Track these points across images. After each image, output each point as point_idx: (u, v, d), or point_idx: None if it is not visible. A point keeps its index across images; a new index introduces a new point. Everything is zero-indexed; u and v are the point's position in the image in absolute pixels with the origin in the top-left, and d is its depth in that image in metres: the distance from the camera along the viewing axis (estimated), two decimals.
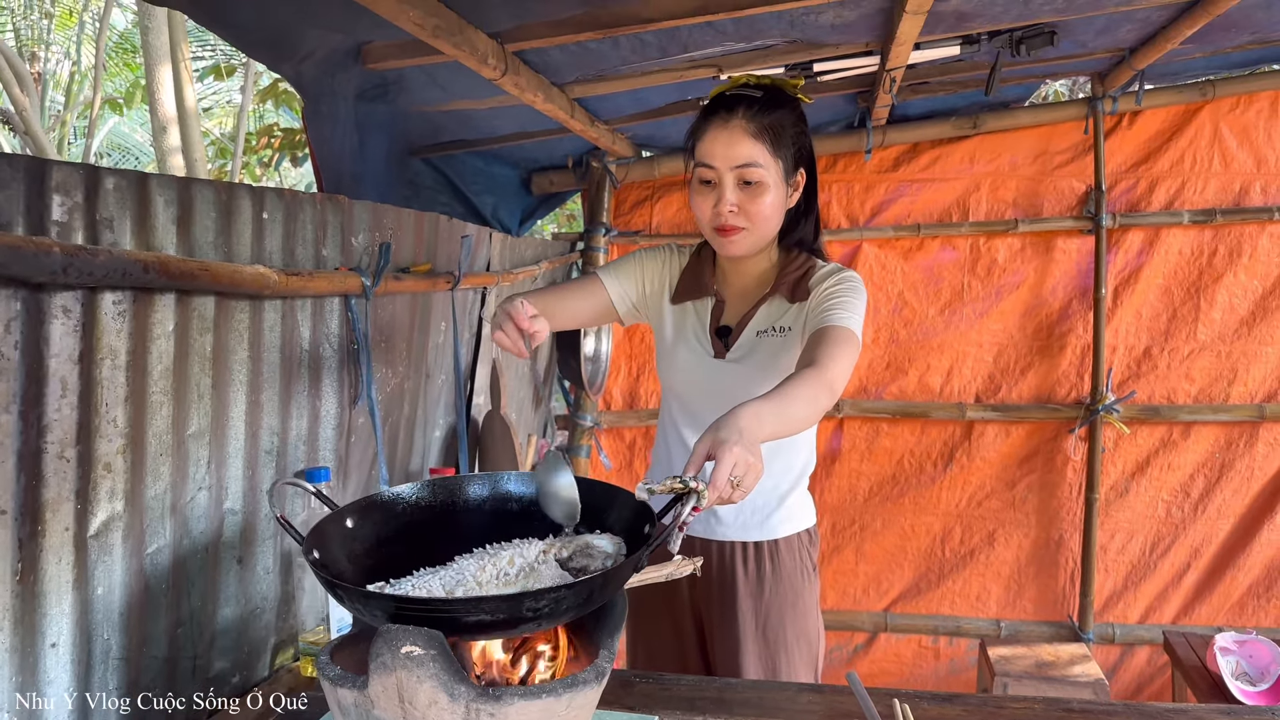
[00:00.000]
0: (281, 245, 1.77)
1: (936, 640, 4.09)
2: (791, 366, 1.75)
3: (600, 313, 1.92)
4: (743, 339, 1.85)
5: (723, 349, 1.86)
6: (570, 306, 1.87)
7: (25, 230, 1.20)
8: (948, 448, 4.03)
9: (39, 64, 11.86)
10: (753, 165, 1.70)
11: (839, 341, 1.63)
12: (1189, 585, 3.93)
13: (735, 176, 1.71)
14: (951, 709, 1.66)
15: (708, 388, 1.87)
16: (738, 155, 1.70)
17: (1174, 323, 3.85)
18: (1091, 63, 3.54)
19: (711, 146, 1.72)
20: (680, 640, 2.02)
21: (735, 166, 1.71)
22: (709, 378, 1.87)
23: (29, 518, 1.24)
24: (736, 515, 1.92)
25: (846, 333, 1.66)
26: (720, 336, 1.87)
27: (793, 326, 1.82)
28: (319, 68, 2.29)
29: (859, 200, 4.03)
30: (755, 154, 1.70)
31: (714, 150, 1.72)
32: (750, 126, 1.70)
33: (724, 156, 1.71)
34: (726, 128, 1.71)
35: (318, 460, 1.98)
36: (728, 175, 1.71)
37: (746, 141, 1.70)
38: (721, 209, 1.73)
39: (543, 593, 1.19)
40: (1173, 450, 3.89)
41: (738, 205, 1.73)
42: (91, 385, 1.33)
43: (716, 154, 1.71)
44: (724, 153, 1.71)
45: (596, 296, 1.90)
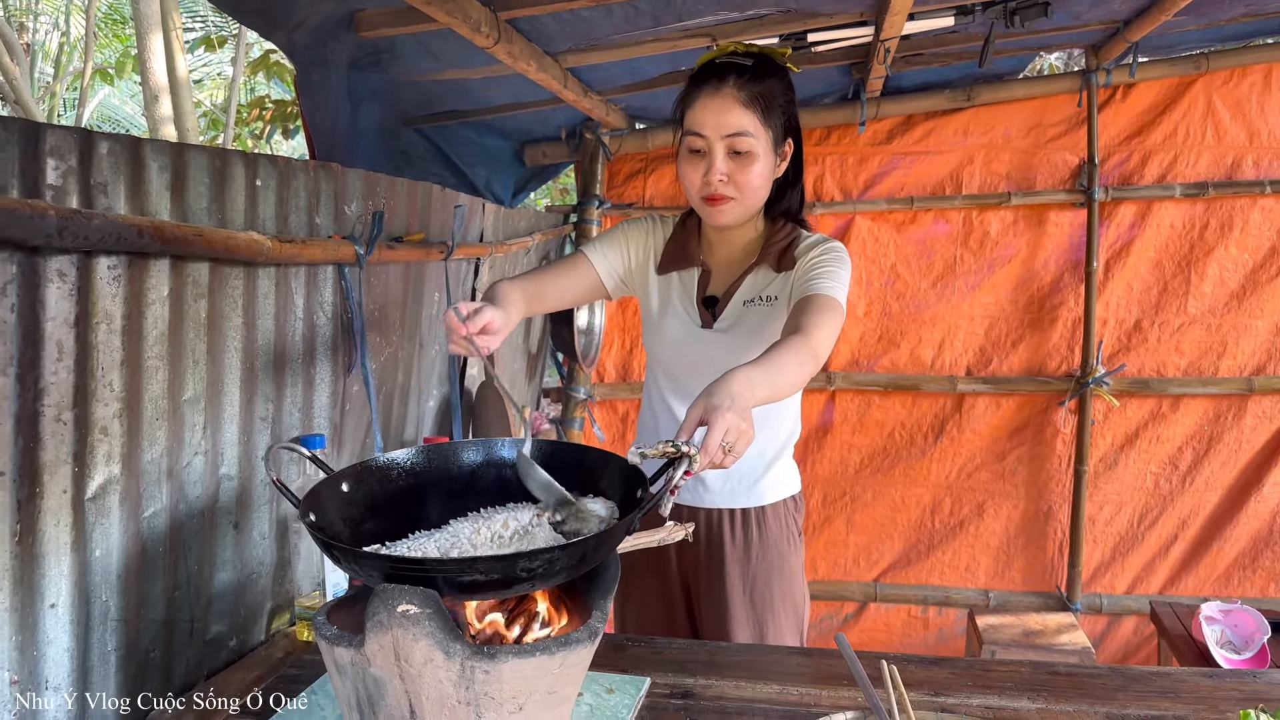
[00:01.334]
0: (275, 213, 1.77)
1: (926, 610, 4.13)
2: (778, 335, 1.75)
3: (589, 290, 1.92)
4: (729, 309, 1.86)
5: (710, 319, 1.87)
6: (559, 286, 1.87)
7: (20, 193, 1.20)
8: (938, 420, 4.06)
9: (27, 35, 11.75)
10: (743, 134, 1.71)
11: (823, 309, 1.65)
12: (1176, 556, 3.97)
13: (725, 145, 1.72)
14: (939, 671, 1.68)
15: (695, 357, 1.87)
16: (728, 124, 1.70)
17: (1165, 296, 3.87)
18: (1086, 34, 3.54)
19: (701, 115, 1.72)
20: (669, 606, 2.05)
21: (725, 135, 1.71)
22: (696, 347, 1.88)
23: (27, 480, 1.25)
24: (724, 483, 1.95)
25: (830, 301, 1.68)
26: (707, 306, 1.88)
27: (779, 296, 1.84)
28: (311, 35, 2.29)
29: (852, 173, 4.03)
30: (746, 123, 1.70)
31: (704, 119, 1.72)
32: (741, 95, 1.70)
33: (714, 125, 1.71)
34: (717, 96, 1.70)
35: (312, 428, 1.99)
36: (718, 144, 1.72)
37: (737, 110, 1.70)
38: (711, 178, 1.73)
39: (536, 553, 1.20)
40: (1162, 423, 3.92)
41: (727, 175, 1.73)
42: (88, 349, 1.34)
43: (706, 122, 1.71)
44: (714, 121, 1.71)
45: (585, 274, 1.90)
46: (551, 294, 1.85)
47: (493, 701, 1.19)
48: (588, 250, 1.92)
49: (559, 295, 1.89)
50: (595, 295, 1.95)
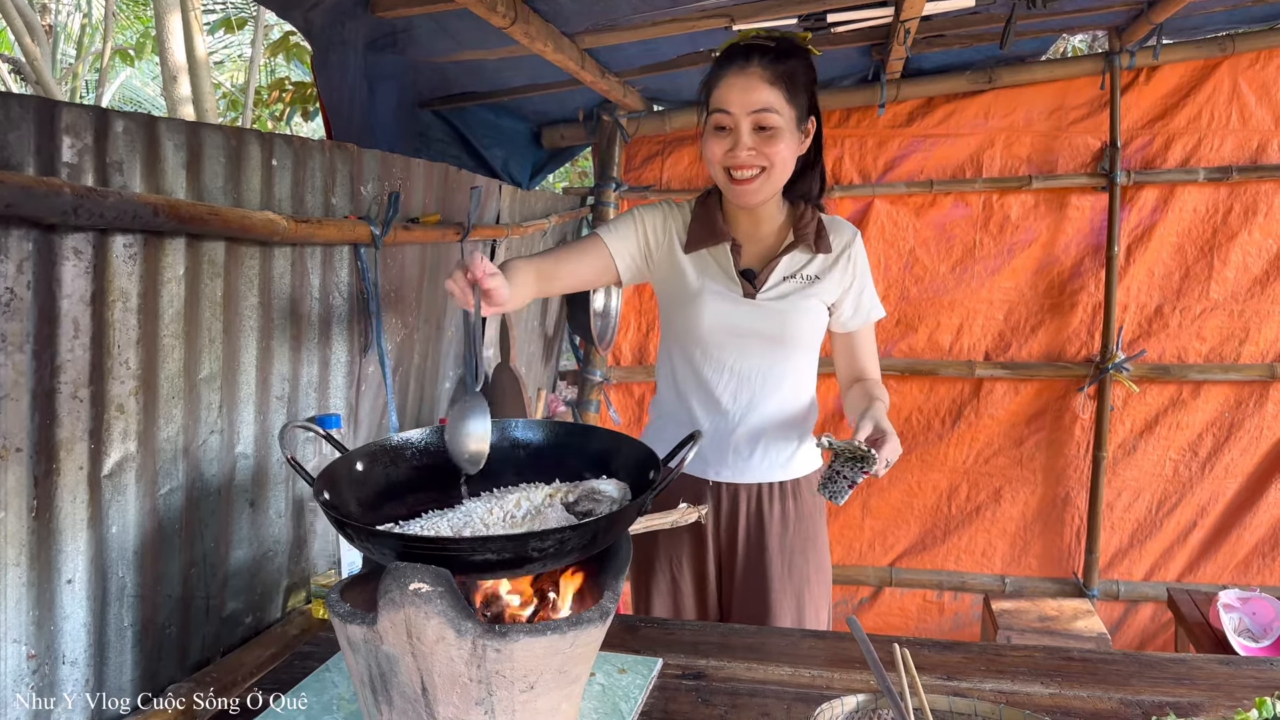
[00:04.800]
0: (291, 192, 1.77)
1: (941, 595, 4.12)
2: (818, 311, 1.92)
3: (602, 272, 1.93)
4: (771, 280, 1.90)
5: (752, 289, 1.90)
6: (571, 267, 1.87)
7: (36, 171, 1.21)
8: (956, 405, 4.04)
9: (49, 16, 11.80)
10: (769, 110, 1.74)
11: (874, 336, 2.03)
12: (1194, 543, 3.95)
13: (751, 121, 1.75)
14: (952, 655, 1.68)
15: (739, 327, 1.91)
16: (754, 100, 1.74)
17: (1186, 281, 3.83)
18: (1109, 16, 3.49)
19: (728, 93, 1.75)
20: (700, 586, 2.06)
21: (752, 111, 1.74)
22: (741, 318, 1.90)
23: (44, 456, 1.26)
24: (763, 458, 1.98)
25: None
26: (747, 279, 1.90)
27: (820, 276, 1.92)
28: (328, 15, 2.28)
29: (871, 155, 4.00)
30: (772, 99, 1.74)
31: (730, 96, 1.75)
32: (766, 74, 1.74)
33: (740, 102, 1.74)
34: (744, 74, 1.74)
35: (328, 407, 2.00)
36: (744, 120, 1.75)
37: (763, 87, 1.74)
38: (738, 152, 1.76)
39: (548, 533, 1.21)
40: (1182, 409, 3.88)
41: (754, 148, 1.76)
42: (104, 327, 1.35)
43: (733, 100, 1.75)
44: (740, 98, 1.74)
45: (598, 256, 1.90)
46: (563, 274, 1.86)
47: (504, 680, 1.19)
48: (602, 233, 1.92)
49: (571, 276, 1.89)
50: (607, 279, 1.96)
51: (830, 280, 1.92)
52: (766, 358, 1.93)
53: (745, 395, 1.95)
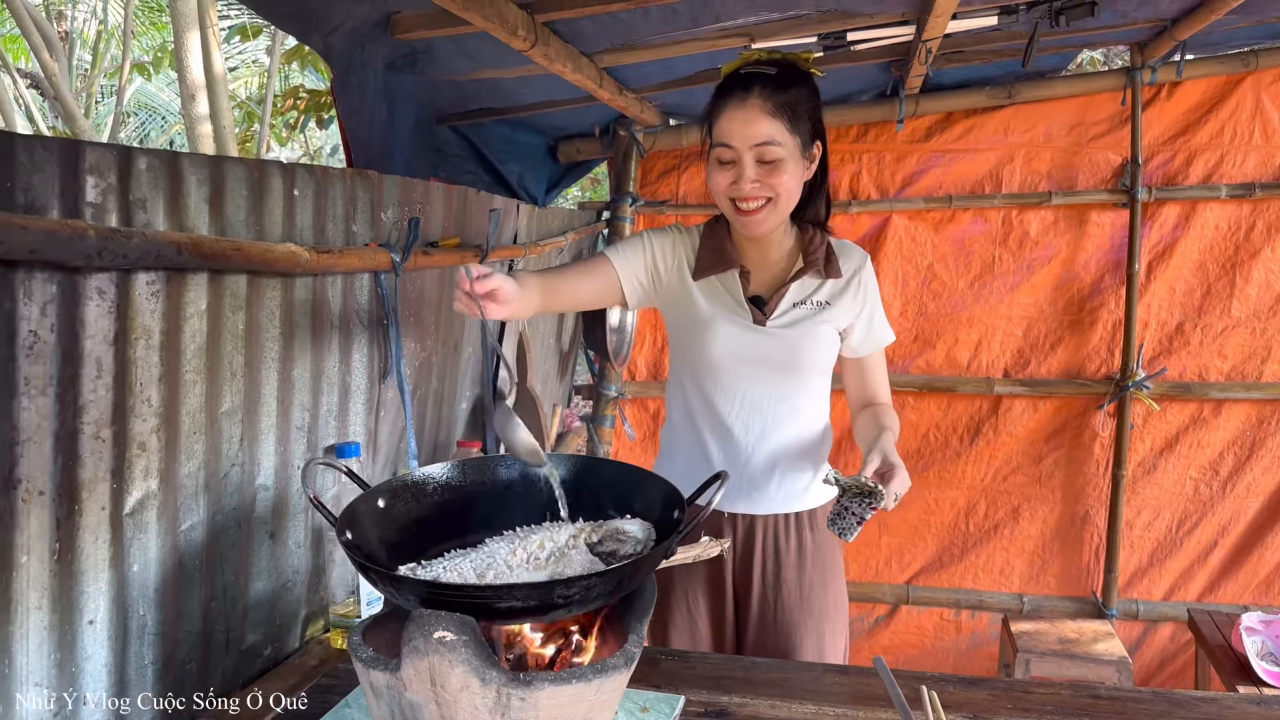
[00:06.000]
0: (312, 221, 1.77)
1: (958, 614, 4.09)
2: (829, 337, 1.90)
3: (606, 293, 1.91)
4: (781, 307, 1.88)
5: (762, 316, 1.88)
6: (577, 285, 1.86)
7: (60, 212, 1.20)
8: (974, 422, 4.01)
9: (66, 22, 11.87)
10: (771, 144, 1.71)
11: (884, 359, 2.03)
12: (1215, 563, 3.90)
13: (754, 155, 1.73)
14: (978, 693, 1.66)
15: (750, 355, 1.88)
16: (756, 134, 1.71)
17: (1208, 298, 3.79)
18: (1131, 32, 3.46)
19: (729, 126, 1.72)
20: (718, 622, 2.03)
21: (754, 145, 1.72)
22: (752, 345, 1.88)
23: (66, 498, 1.26)
24: (779, 488, 1.96)
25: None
26: (756, 305, 1.88)
27: (830, 302, 1.90)
28: (348, 39, 2.28)
29: (889, 171, 3.98)
30: (773, 132, 1.71)
31: (731, 129, 1.72)
32: (767, 105, 1.71)
33: (742, 135, 1.71)
34: (743, 107, 1.71)
35: (348, 435, 1.99)
36: (747, 154, 1.72)
37: (764, 120, 1.71)
38: (742, 186, 1.74)
39: (573, 580, 1.19)
40: (1203, 427, 3.84)
41: (758, 180, 1.74)
42: (126, 365, 1.34)
43: (734, 133, 1.72)
44: (742, 131, 1.71)
45: (604, 277, 1.88)
46: (566, 291, 1.84)
47: None
48: (610, 254, 1.90)
49: (574, 294, 1.87)
50: (612, 300, 1.93)
51: (841, 305, 1.90)
52: (778, 385, 1.91)
53: (758, 424, 1.93)
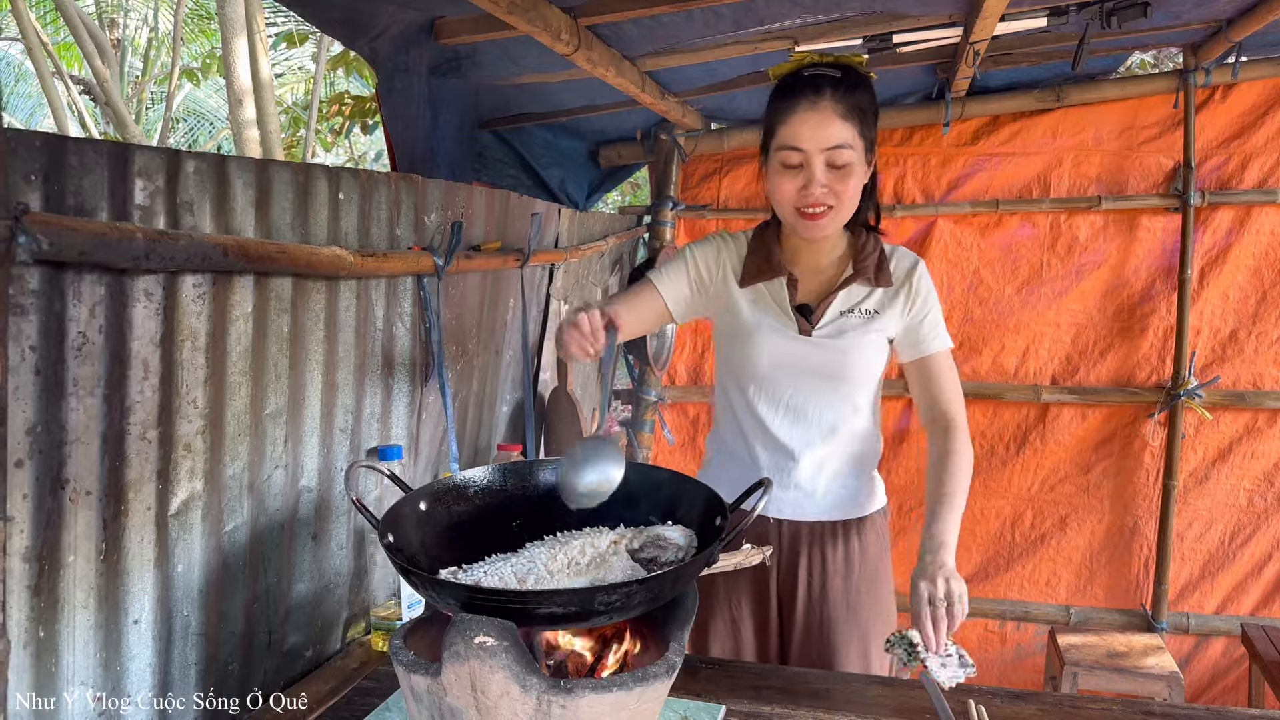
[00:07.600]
0: (357, 225, 1.77)
1: (1004, 625, 4.02)
2: (877, 346, 1.85)
3: (658, 318, 1.92)
4: (827, 316, 1.85)
5: (808, 326, 1.85)
6: (636, 315, 1.86)
7: (109, 214, 1.21)
8: (1021, 430, 3.94)
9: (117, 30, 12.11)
10: (844, 147, 1.68)
11: (950, 369, 1.89)
12: (1270, 577, 3.80)
13: (825, 159, 1.69)
14: (1026, 708, 1.63)
15: (795, 364, 1.86)
16: (829, 137, 1.67)
17: (1263, 305, 3.69)
18: (1185, 33, 3.39)
19: (799, 129, 1.69)
20: (762, 629, 2.00)
21: (826, 148, 1.68)
22: (797, 355, 1.86)
23: (113, 498, 1.27)
24: (825, 495, 1.93)
25: (949, 352, 1.90)
26: (803, 314, 1.86)
27: (880, 311, 1.85)
28: (393, 44, 2.29)
29: (935, 174, 3.93)
30: (846, 135, 1.68)
31: (802, 132, 1.68)
32: (839, 107, 1.67)
33: (813, 139, 1.68)
34: (816, 109, 1.67)
35: (390, 438, 1.99)
36: (817, 157, 1.69)
37: (837, 122, 1.67)
38: (812, 190, 1.70)
39: (615, 587, 1.18)
40: (1257, 437, 3.74)
41: (827, 186, 1.70)
42: (172, 367, 1.35)
43: (804, 136, 1.68)
44: (813, 134, 1.68)
45: (653, 301, 1.89)
46: (632, 323, 1.84)
47: None
48: (654, 278, 1.90)
49: (639, 323, 1.89)
50: (663, 321, 1.95)
51: (890, 314, 1.85)
52: (825, 394, 1.88)
53: (804, 432, 1.90)
